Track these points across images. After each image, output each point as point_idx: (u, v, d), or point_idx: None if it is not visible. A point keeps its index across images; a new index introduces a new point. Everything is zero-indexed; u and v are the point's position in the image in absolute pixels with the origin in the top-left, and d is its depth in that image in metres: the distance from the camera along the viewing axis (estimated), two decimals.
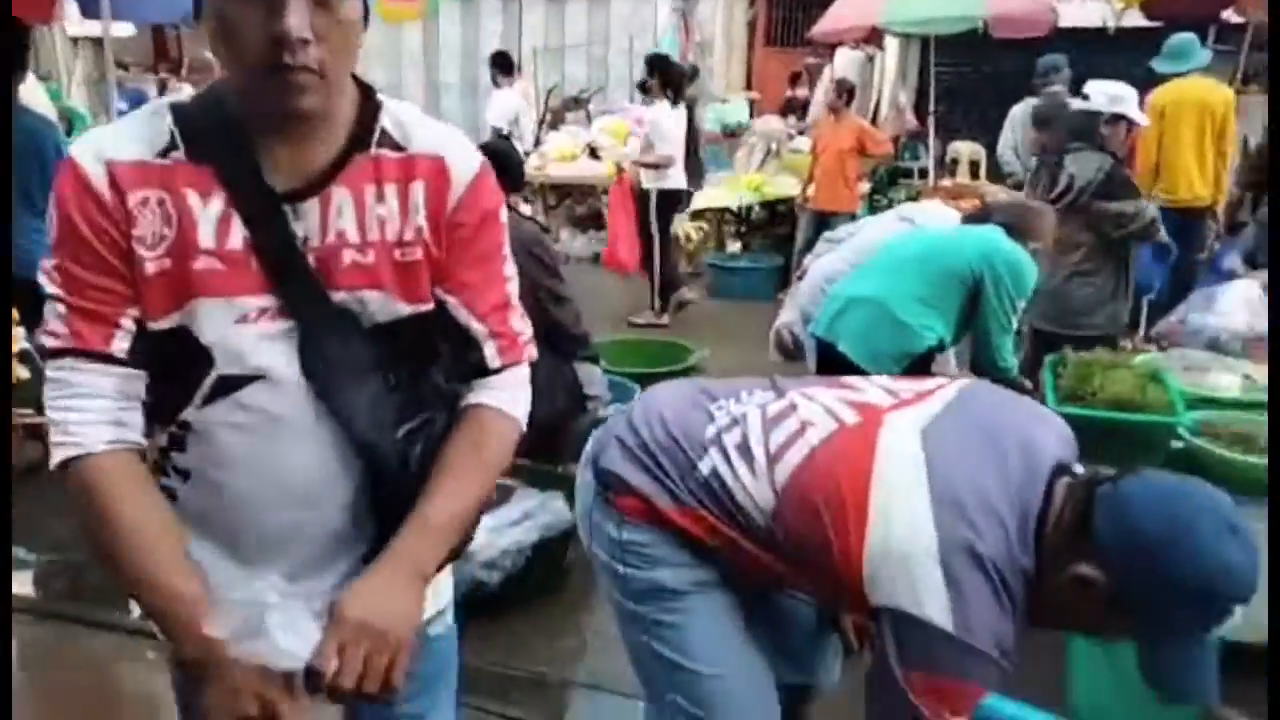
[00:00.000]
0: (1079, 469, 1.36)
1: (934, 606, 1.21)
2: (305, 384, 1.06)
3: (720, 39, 10.45)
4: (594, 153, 7.95)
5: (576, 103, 9.60)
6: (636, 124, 7.96)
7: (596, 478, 1.53)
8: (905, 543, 1.25)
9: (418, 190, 1.09)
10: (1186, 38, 5.41)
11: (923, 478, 1.27)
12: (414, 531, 1.09)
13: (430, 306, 1.13)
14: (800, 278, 4.11)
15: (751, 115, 9.25)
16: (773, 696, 1.52)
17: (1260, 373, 2.79)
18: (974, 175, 7.89)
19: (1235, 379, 2.78)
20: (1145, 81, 5.49)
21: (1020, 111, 5.90)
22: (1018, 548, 1.26)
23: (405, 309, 1.11)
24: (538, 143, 8.26)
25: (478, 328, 1.16)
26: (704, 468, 1.43)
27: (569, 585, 3.01)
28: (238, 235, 1.03)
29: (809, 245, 5.35)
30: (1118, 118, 3.67)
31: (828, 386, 1.52)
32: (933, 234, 3.18)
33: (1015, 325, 2.94)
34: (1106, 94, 3.70)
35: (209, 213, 1.03)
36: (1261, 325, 2.89)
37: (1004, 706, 1.30)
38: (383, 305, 1.10)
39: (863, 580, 1.29)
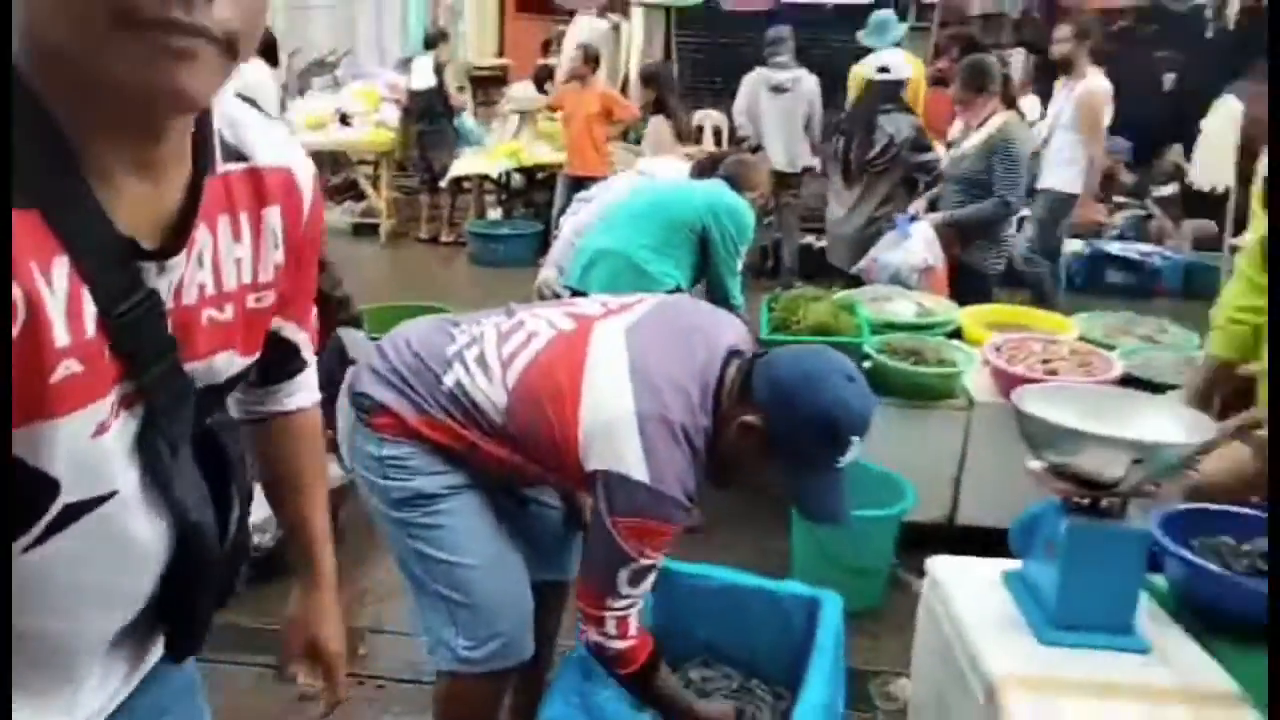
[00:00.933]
0: (747, 352, 1.69)
1: (633, 463, 1.51)
2: (153, 486, 0.80)
3: (471, 4, 10.38)
4: (345, 119, 7.72)
5: (323, 66, 9.22)
6: (389, 89, 7.81)
7: (353, 403, 1.70)
8: (610, 415, 1.54)
9: (273, 218, 0.87)
10: (886, 14, 6.12)
11: (624, 364, 1.58)
12: (321, 549, 1.19)
13: (260, 351, 0.92)
14: (556, 238, 4.33)
15: (505, 82, 9.32)
16: (525, 581, 1.76)
17: (930, 300, 3.34)
18: (718, 142, 8.44)
19: (911, 306, 3.31)
20: (857, 51, 6.18)
21: (752, 78, 6.41)
22: (699, 413, 1.58)
23: (242, 363, 0.89)
24: (282, 109, 7.89)
25: (301, 337, 1.05)
26: (448, 380, 1.65)
27: (344, 541, 3.08)
28: (90, 316, 0.69)
29: (565, 209, 5.59)
30: (906, 80, 4.52)
31: (553, 306, 1.77)
32: (664, 188, 3.48)
33: (740, 267, 3.30)
34: (902, 63, 4.54)
35: (56, 291, 0.66)
36: (933, 258, 3.46)
37: (682, 566, 1.62)
38: (226, 365, 0.86)
39: (579, 452, 1.56)
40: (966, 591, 1.84)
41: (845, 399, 1.54)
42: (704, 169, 3.54)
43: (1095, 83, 4.94)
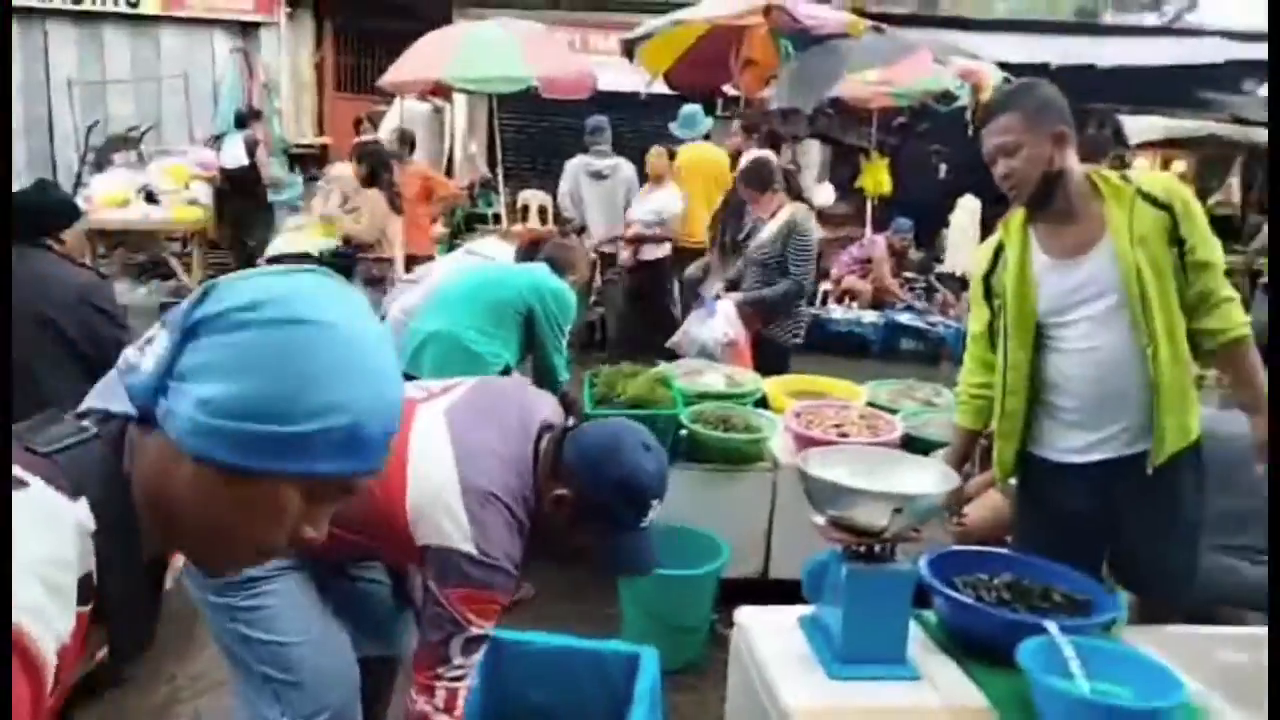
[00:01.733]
0: (558, 427, 1.84)
1: (460, 536, 1.63)
2: None
3: (287, 81, 10.28)
4: (151, 197, 7.42)
5: (126, 142, 8.83)
6: (200, 166, 7.60)
7: None
8: (436, 491, 1.65)
9: None
10: (693, 109, 6.64)
11: (446, 442, 1.70)
12: None
13: None
14: (383, 318, 4.37)
15: (325, 160, 9.26)
16: (351, 658, 1.80)
17: (737, 372, 3.64)
18: (543, 220, 8.72)
19: (721, 378, 3.59)
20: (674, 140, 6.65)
21: (574, 165, 6.72)
22: (520, 486, 1.72)
23: None
24: (79, 184, 7.50)
25: None
26: None
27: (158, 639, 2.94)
28: None
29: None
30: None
31: None
32: (491, 272, 3.62)
33: (564, 345, 3.47)
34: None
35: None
36: (735, 333, 3.78)
37: (510, 634, 1.74)
38: None
39: (409, 529, 1.66)
40: (768, 637, 2.04)
41: (643, 466, 1.71)
42: (528, 251, 3.73)
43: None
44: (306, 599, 1.75)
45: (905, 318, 7.66)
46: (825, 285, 8.27)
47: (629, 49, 7.88)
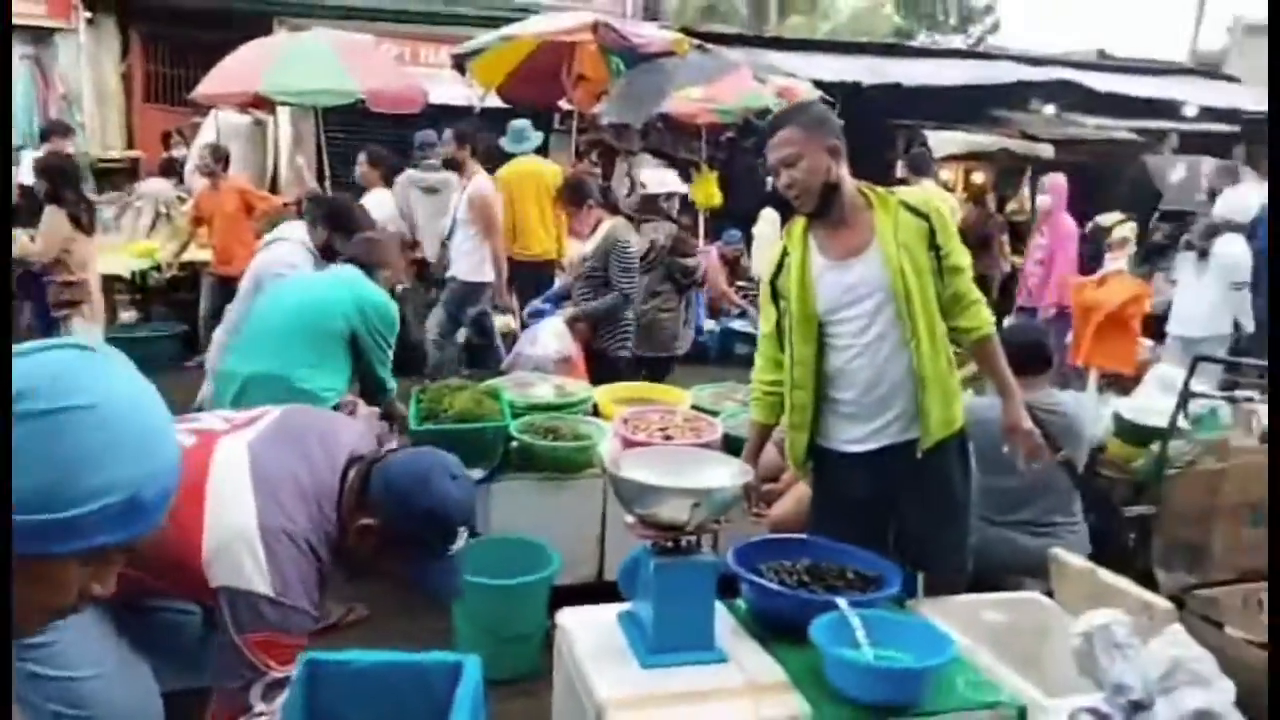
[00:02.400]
0: (367, 456, 1.85)
1: (258, 578, 1.60)
2: None
3: (90, 93, 9.61)
4: None
5: None
6: None
7: None
8: (233, 532, 1.62)
9: None
10: (521, 123, 6.69)
11: (247, 480, 1.66)
12: None
13: None
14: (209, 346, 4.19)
15: (136, 175, 8.72)
16: (152, 691, 1.74)
17: (569, 382, 3.72)
18: None
19: (551, 388, 3.67)
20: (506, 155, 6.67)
21: (404, 179, 6.61)
22: (323, 520, 1.71)
23: None
24: None
25: None
26: None
27: None
28: None
29: (215, 313, 5.36)
30: (671, 195, 5.14)
31: (177, 422, 1.80)
32: (305, 295, 3.36)
33: (388, 357, 3.35)
34: (663, 182, 5.18)
35: None
36: (565, 348, 3.87)
37: (328, 655, 1.74)
38: None
39: (203, 569, 1.61)
40: (587, 634, 2.12)
41: (451, 495, 1.74)
42: (326, 245, 3.67)
43: (481, 182, 5.58)
44: (100, 631, 1.68)
45: (738, 324, 7.98)
46: None
47: (460, 63, 7.86)
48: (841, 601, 2.03)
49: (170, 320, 7.05)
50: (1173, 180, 8.98)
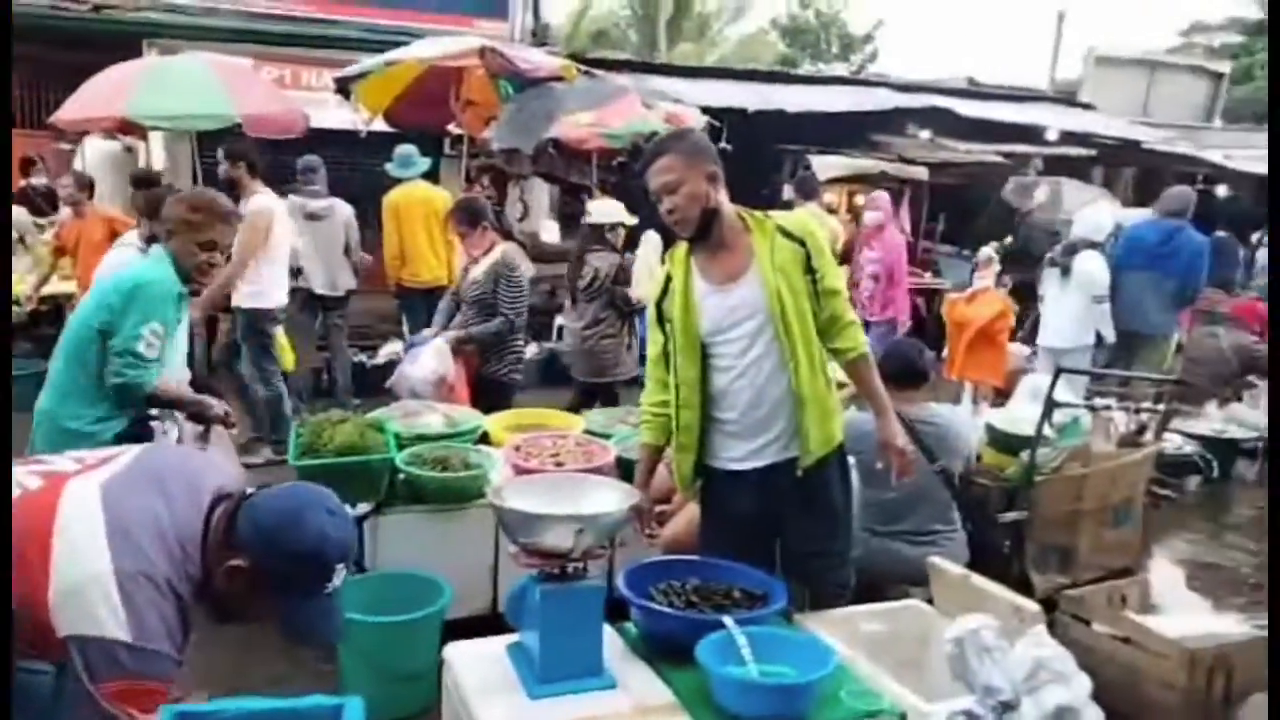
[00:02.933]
0: (234, 493, 1.78)
1: (113, 624, 1.51)
2: None
3: None
4: None
5: None
6: None
7: None
8: (85, 577, 1.52)
9: None
10: (408, 148, 6.60)
11: (100, 522, 1.57)
12: None
13: None
14: None
15: None
16: None
17: (457, 411, 3.67)
18: None
19: (439, 418, 3.60)
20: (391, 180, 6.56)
21: (287, 206, 6.40)
22: (185, 561, 1.63)
23: None
24: None
25: None
26: None
27: None
28: None
29: None
30: (615, 225, 5.22)
31: (21, 464, 1.70)
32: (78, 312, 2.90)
33: (138, 344, 2.69)
34: (608, 213, 5.28)
35: None
36: (444, 370, 3.81)
37: (201, 706, 1.66)
38: None
39: (50, 619, 1.51)
40: (474, 668, 2.08)
41: (326, 532, 1.67)
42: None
43: (259, 202, 5.16)
44: None
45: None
46: (560, 319, 8.49)
47: (343, 88, 7.71)
48: (728, 620, 2.05)
49: (33, 358, 6.62)
50: (1035, 201, 9.53)
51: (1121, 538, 3.75)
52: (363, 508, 3.16)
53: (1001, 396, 4.97)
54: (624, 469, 3.49)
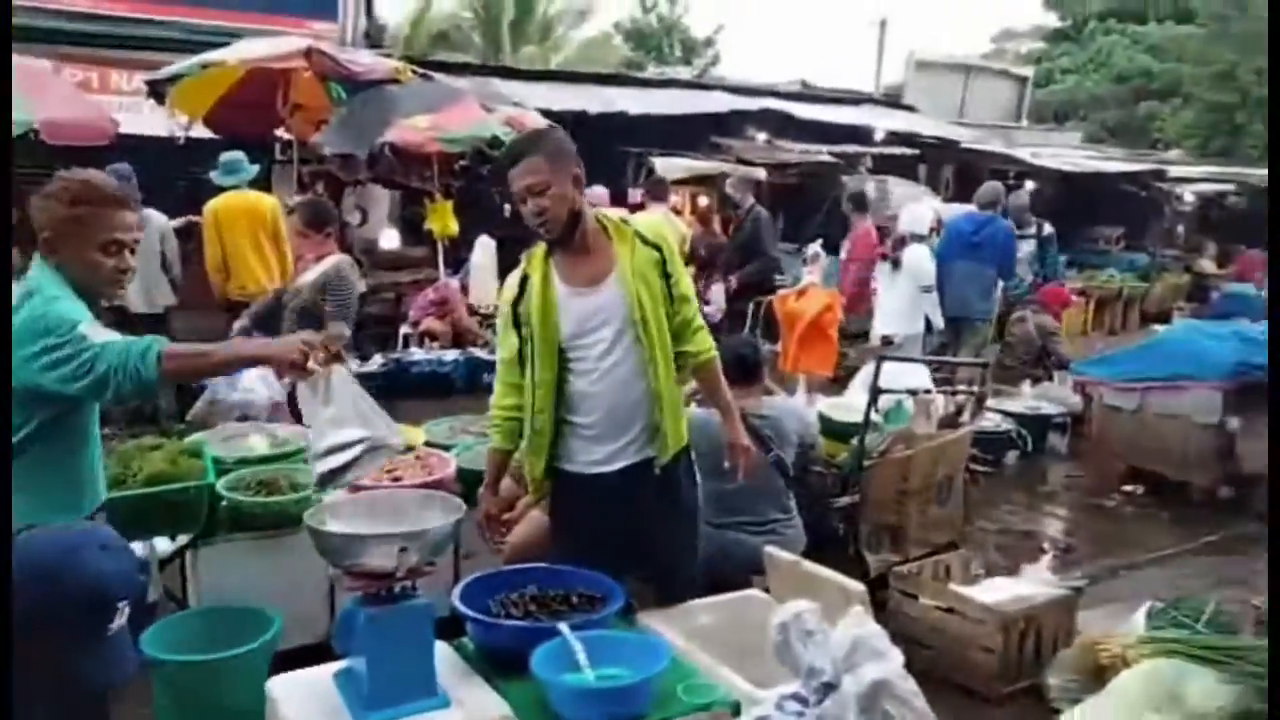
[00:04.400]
0: None
1: None
2: None
3: None
4: None
5: None
6: None
7: None
8: None
9: None
10: (234, 155, 6.25)
11: None
12: None
13: None
14: None
15: None
16: None
17: (284, 430, 3.49)
18: None
19: (264, 439, 3.42)
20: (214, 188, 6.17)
21: None
22: None
23: None
24: None
25: None
26: None
27: None
28: None
29: None
30: None
31: None
32: None
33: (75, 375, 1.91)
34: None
35: None
36: (274, 392, 3.62)
37: None
38: None
39: None
40: (299, 700, 1.99)
41: (104, 568, 1.57)
42: None
43: None
44: None
45: (484, 353, 7.90)
46: (405, 329, 8.27)
47: (156, 91, 7.23)
48: (563, 626, 2.04)
49: None
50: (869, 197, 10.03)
51: (945, 514, 3.99)
52: (182, 539, 2.96)
53: (837, 385, 5.19)
54: (466, 481, 3.43)
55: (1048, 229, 7.73)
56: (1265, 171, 15.32)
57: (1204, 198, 14.49)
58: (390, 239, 8.31)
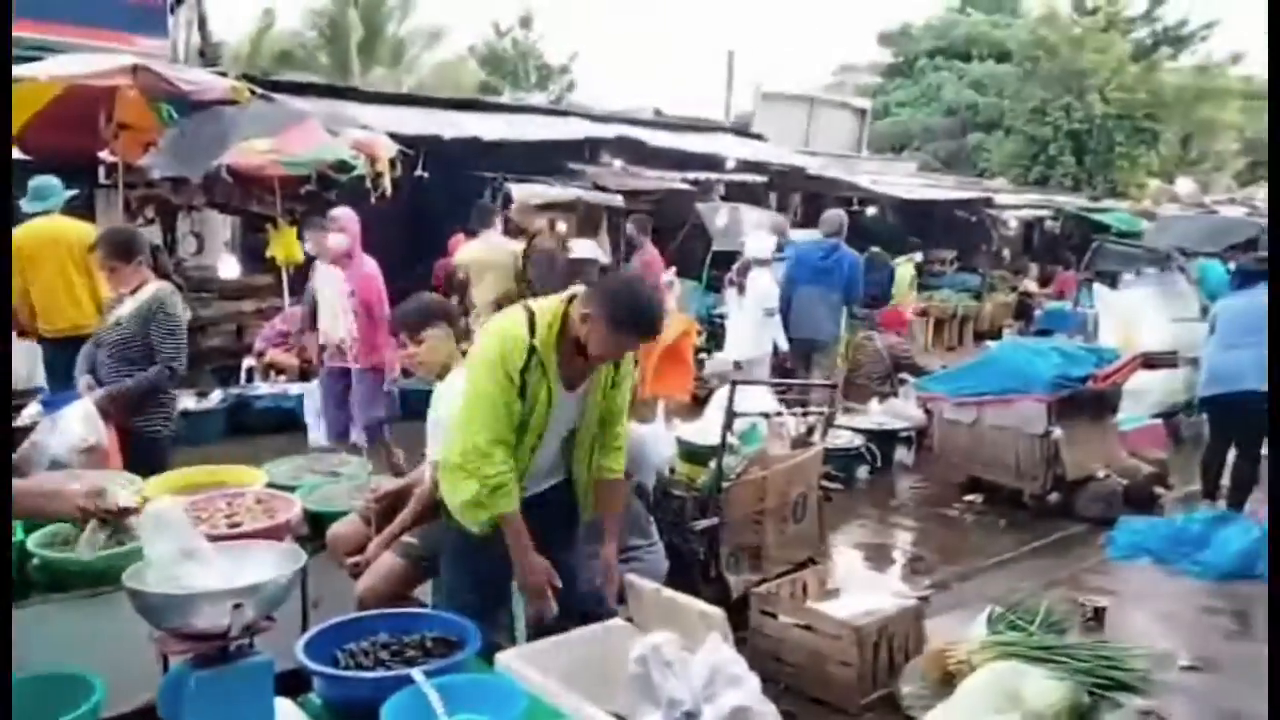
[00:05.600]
0: None
1: None
2: None
3: None
4: None
5: None
6: None
7: None
8: None
9: None
10: (46, 180, 5.73)
11: None
12: None
13: None
14: None
15: None
16: None
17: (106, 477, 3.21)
18: None
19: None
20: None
21: None
22: None
23: None
24: None
25: None
26: None
27: None
28: None
29: None
30: None
31: None
32: None
33: None
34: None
35: None
36: (95, 436, 3.32)
37: None
38: None
39: None
40: None
41: None
42: None
43: None
44: None
45: (261, 389, 7.52)
46: (249, 361, 7.84)
47: None
48: (416, 674, 1.95)
49: None
50: (719, 225, 10.31)
51: (802, 531, 4.10)
52: None
53: (697, 408, 5.27)
54: (313, 523, 3.26)
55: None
56: (1076, 200, 16.79)
57: (1025, 223, 15.69)
58: (230, 267, 7.87)
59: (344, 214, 5.47)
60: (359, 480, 3.55)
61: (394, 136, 7.80)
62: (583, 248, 6.28)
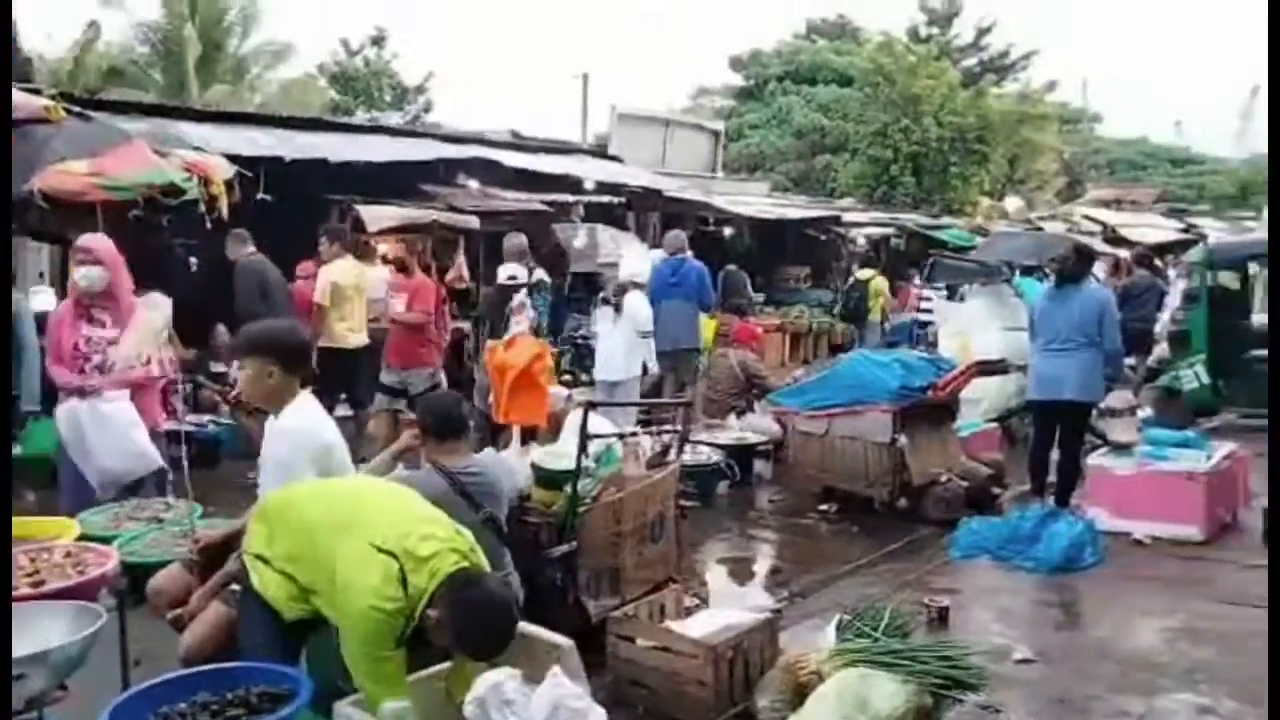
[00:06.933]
0: None
1: None
2: None
3: None
4: None
5: None
6: None
7: None
8: None
9: None
10: None
11: None
12: None
13: None
14: None
15: None
16: None
17: None
18: None
19: None
20: None
21: None
22: None
23: None
24: None
25: None
26: None
27: None
28: None
29: None
30: None
31: None
32: None
33: None
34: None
35: None
36: None
37: None
38: None
39: None
40: None
41: None
42: None
43: None
44: None
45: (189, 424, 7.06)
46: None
47: None
48: None
49: None
50: (578, 245, 10.33)
51: (660, 551, 4.09)
52: None
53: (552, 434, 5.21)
54: (134, 574, 3.01)
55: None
56: (917, 218, 17.78)
57: (872, 240, 16.45)
58: (45, 300, 7.25)
59: (97, 242, 4.46)
60: (185, 526, 3.30)
61: (232, 158, 7.41)
62: (507, 271, 6.35)
